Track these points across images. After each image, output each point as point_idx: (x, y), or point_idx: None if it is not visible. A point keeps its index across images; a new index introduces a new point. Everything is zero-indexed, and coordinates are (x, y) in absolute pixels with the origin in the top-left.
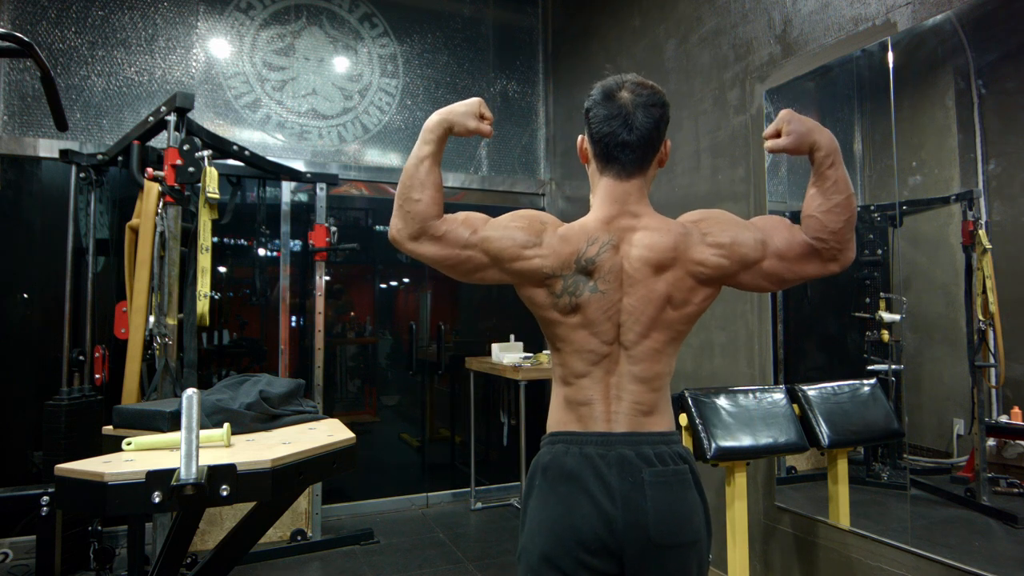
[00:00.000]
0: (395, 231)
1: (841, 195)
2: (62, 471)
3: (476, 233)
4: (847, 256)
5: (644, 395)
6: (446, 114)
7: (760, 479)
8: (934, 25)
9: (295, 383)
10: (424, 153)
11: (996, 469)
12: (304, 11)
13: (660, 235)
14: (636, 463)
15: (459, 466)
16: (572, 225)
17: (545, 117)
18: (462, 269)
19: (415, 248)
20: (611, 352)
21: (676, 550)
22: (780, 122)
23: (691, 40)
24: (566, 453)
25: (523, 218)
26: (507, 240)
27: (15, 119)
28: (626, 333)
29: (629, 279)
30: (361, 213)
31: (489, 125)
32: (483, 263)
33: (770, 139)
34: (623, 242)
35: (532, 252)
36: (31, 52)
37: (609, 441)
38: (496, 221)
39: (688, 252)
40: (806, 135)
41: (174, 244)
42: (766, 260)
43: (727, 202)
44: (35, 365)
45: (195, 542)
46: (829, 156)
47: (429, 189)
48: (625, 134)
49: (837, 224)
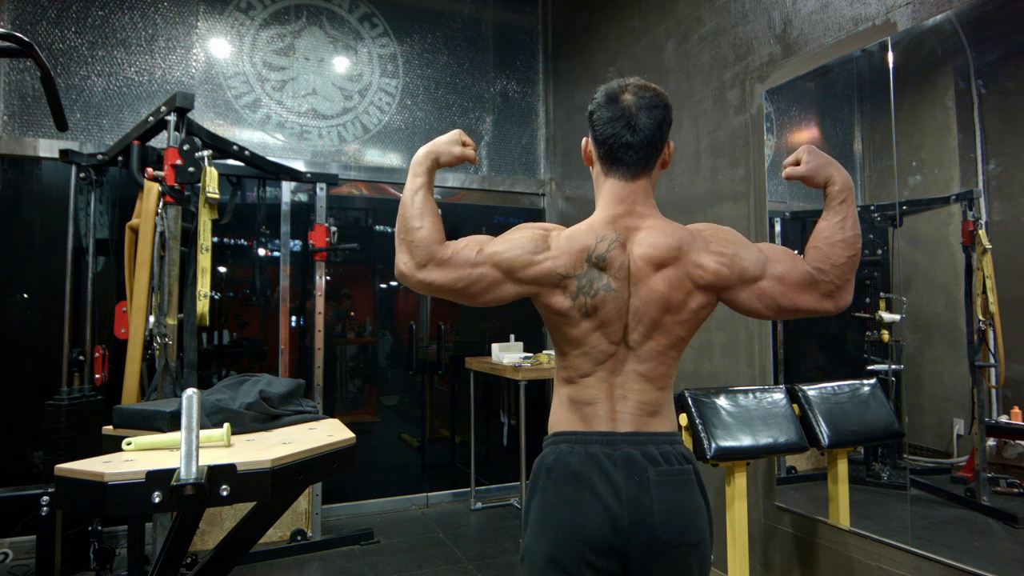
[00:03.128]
0: (402, 264)
1: (849, 232)
2: (62, 471)
3: (482, 251)
4: (844, 297)
5: (649, 394)
6: (432, 147)
7: (760, 479)
8: (934, 25)
9: (295, 383)
10: (416, 185)
11: (996, 469)
12: (304, 11)
13: (664, 235)
14: (642, 462)
15: (459, 466)
16: (578, 226)
17: (545, 117)
18: (474, 290)
19: (424, 277)
20: (617, 351)
21: (681, 550)
22: (801, 152)
23: (691, 40)
24: (571, 453)
25: (526, 228)
26: (516, 250)
27: (15, 119)
28: (631, 333)
29: (635, 277)
30: (361, 213)
31: (473, 151)
32: (496, 278)
33: (789, 166)
34: (629, 241)
35: (543, 256)
36: (31, 52)
37: (614, 441)
38: (499, 237)
39: (690, 254)
40: (823, 168)
41: (174, 244)
42: (765, 280)
43: (727, 202)
44: (35, 365)
45: (195, 542)
46: (843, 192)
47: (428, 216)
48: (629, 136)
49: (840, 259)
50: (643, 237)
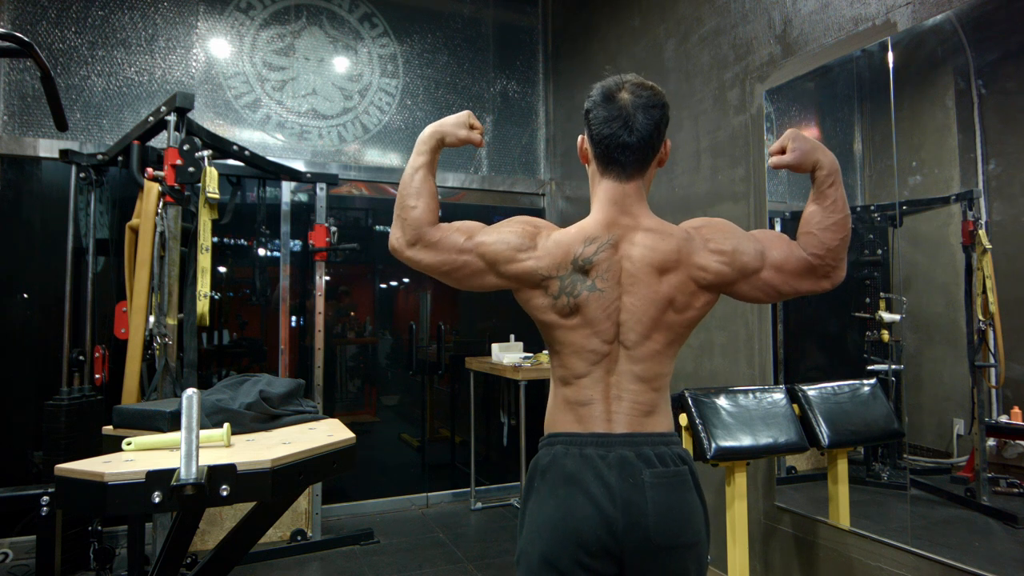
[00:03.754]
0: (394, 239)
1: (839, 214)
2: (62, 471)
3: (471, 239)
4: (839, 274)
5: (645, 395)
6: (438, 126)
7: (760, 479)
8: (934, 25)
9: (295, 383)
10: (418, 163)
11: (996, 469)
12: (304, 11)
13: (662, 238)
14: (636, 464)
15: (459, 466)
16: (569, 229)
17: (545, 117)
18: (458, 275)
19: (412, 255)
20: (611, 351)
21: (675, 551)
22: (785, 139)
23: (691, 40)
24: (565, 455)
25: (518, 223)
26: (501, 244)
27: (15, 119)
28: (627, 333)
29: (630, 278)
30: (361, 213)
31: (480, 135)
32: (479, 268)
33: (775, 155)
34: (623, 241)
35: (526, 255)
36: (31, 52)
37: (609, 442)
38: (491, 227)
39: (691, 257)
40: (810, 153)
41: (174, 244)
42: (764, 271)
43: (727, 202)
44: (35, 365)
45: (195, 542)
46: (831, 176)
47: (424, 197)
48: (626, 136)
49: (834, 242)
50: (640, 238)
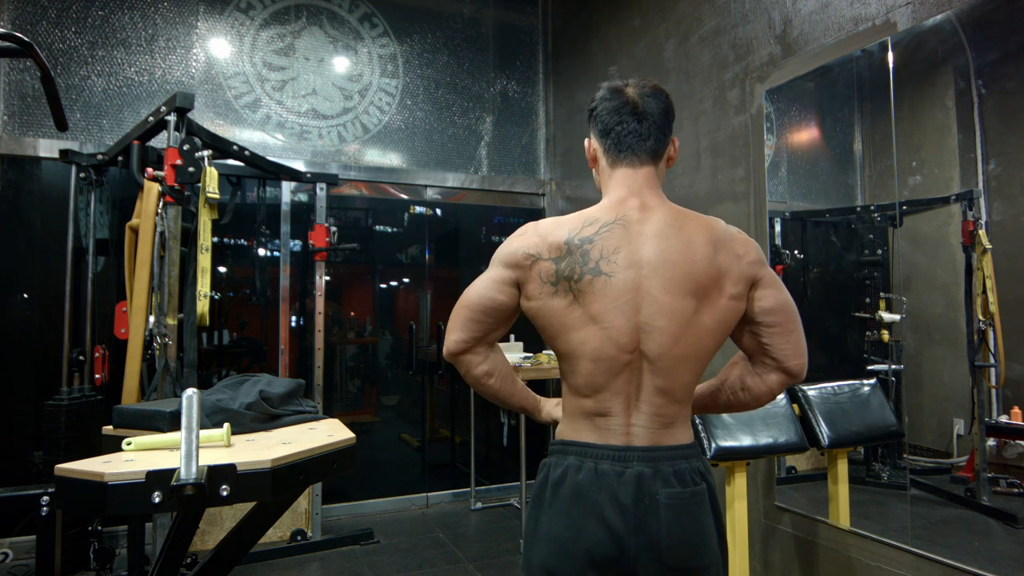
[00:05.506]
0: (451, 343)
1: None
2: (62, 471)
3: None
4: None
5: (668, 407)
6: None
7: (760, 479)
8: (934, 25)
9: (295, 383)
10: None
11: (996, 469)
12: (304, 11)
13: (689, 220)
14: (652, 482)
15: (459, 466)
16: (569, 215)
17: (545, 117)
18: (503, 327)
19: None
20: (632, 361)
21: (689, 573)
22: None
23: (691, 40)
24: (579, 469)
25: (493, 266)
26: (491, 289)
27: (15, 119)
28: (648, 335)
29: (648, 265)
30: (361, 213)
31: None
32: (506, 313)
33: None
34: (636, 223)
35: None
36: (31, 52)
37: (626, 457)
38: (473, 289)
39: (727, 264)
40: None
41: (174, 244)
42: (747, 335)
43: (727, 202)
44: (35, 365)
45: (195, 542)
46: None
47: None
48: (635, 122)
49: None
50: (657, 221)
